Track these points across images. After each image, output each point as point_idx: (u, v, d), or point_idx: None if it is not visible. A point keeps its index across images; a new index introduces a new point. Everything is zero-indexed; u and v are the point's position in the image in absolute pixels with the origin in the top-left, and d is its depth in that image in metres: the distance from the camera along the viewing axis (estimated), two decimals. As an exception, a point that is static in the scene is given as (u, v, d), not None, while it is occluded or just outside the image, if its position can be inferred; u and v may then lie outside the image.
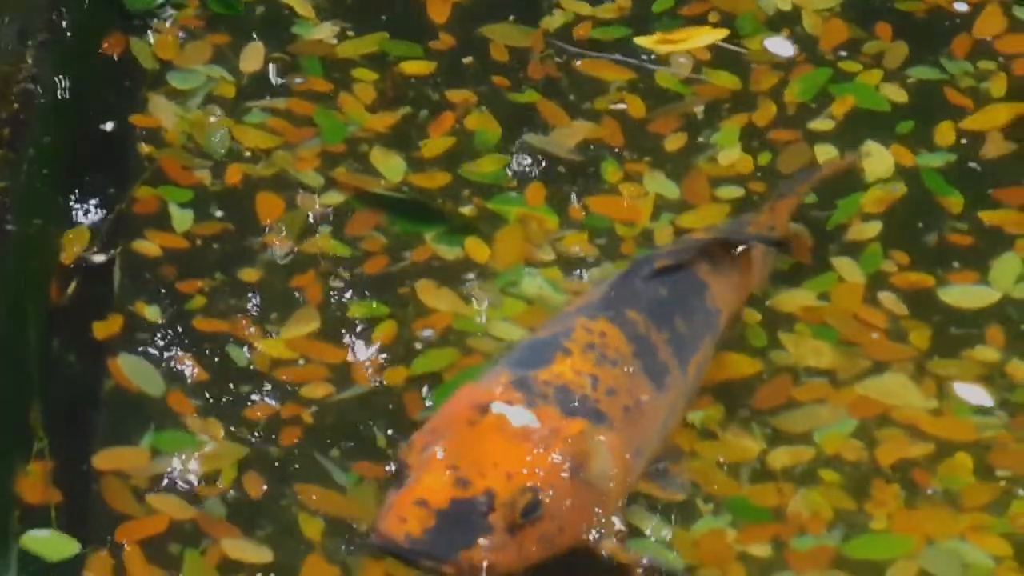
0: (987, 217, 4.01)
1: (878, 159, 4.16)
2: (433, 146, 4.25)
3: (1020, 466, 3.51)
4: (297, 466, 3.57)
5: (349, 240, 4.03)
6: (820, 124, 4.27)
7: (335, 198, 4.11)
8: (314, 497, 3.49)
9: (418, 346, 3.78)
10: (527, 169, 4.23)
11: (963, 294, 3.86)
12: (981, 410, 3.63)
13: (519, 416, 3.17)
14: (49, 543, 3.38)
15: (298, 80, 4.38)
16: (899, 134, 4.23)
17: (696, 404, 3.59)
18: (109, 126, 4.26)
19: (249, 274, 3.95)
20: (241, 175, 4.16)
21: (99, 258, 3.90)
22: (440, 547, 2.99)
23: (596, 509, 3.17)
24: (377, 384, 3.73)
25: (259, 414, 3.65)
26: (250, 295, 3.91)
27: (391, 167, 4.18)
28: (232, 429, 3.62)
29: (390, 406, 3.68)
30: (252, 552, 3.40)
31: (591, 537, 3.19)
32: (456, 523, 3.00)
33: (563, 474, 3.10)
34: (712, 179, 4.17)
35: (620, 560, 3.22)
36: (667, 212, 4.09)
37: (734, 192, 4.13)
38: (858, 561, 3.37)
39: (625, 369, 3.34)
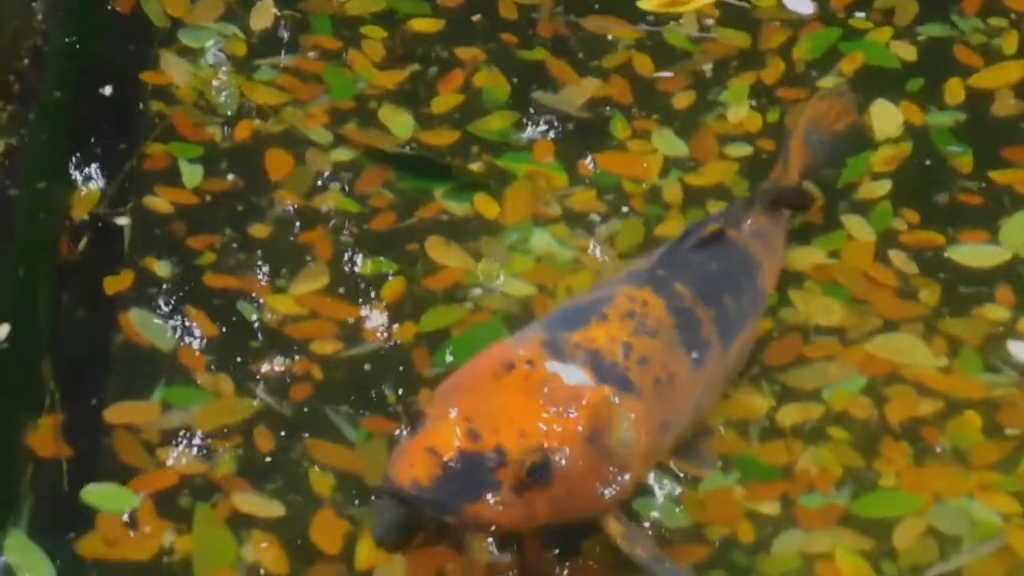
0: (997, 176, 4.00)
1: (888, 117, 4.15)
2: (442, 103, 4.24)
3: (1029, 424, 3.52)
4: (307, 421, 3.58)
5: (358, 197, 4.03)
6: (829, 82, 4.26)
7: (344, 155, 4.11)
8: (324, 452, 3.50)
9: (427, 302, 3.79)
10: (536, 126, 4.22)
11: (973, 253, 3.86)
12: (990, 368, 3.63)
13: (573, 375, 3.12)
14: (109, 495, 3.39)
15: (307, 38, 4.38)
16: (908, 92, 4.22)
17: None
18: (120, 83, 4.25)
19: (259, 230, 3.95)
20: (251, 132, 4.16)
21: (122, 220, 3.90)
22: (445, 497, 2.95)
23: (614, 478, 3.11)
24: (386, 341, 3.73)
25: (269, 370, 3.65)
26: (260, 251, 3.91)
27: (400, 124, 4.18)
28: (242, 384, 3.62)
29: (399, 362, 3.69)
30: (262, 506, 3.41)
31: (608, 506, 3.14)
32: (463, 475, 2.96)
33: (579, 439, 3.04)
34: (720, 136, 4.17)
35: (617, 542, 3.17)
36: (675, 169, 4.09)
37: (743, 150, 4.13)
38: (867, 519, 3.38)
39: (663, 341, 3.28)
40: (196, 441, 3.52)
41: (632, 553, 3.15)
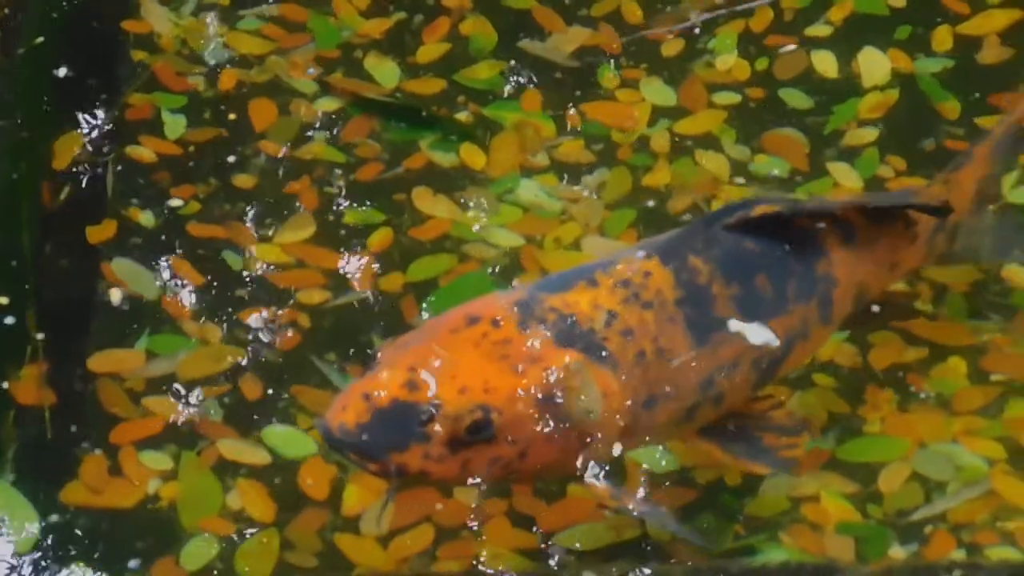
0: (984, 123, 3.99)
1: (875, 64, 4.14)
2: (428, 52, 4.23)
3: (1014, 369, 3.51)
4: (294, 369, 3.57)
5: (344, 146, 4.02)
6: (818, 30, 4.25)
7: (330, 104, 4.10)
8: (311, 399, 3.50)
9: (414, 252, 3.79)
10: (523, 75, 4.20)
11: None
12: (975, 314, 3.63)
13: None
14: (288, 438, 3.39)
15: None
16: (897, 39, 4.21)
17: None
18: (102, 32, 4.23)
19: (244, 180, 3.94)
20: (235, 81, 4.15)
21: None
22: (369, 444, 2.85)
23: (573, 446, 2.98)
24: (373, 290, 3.73)
25: (255, 318, 3.65)
26: (245, 201, 3.90)
27: (386, 73, 4.17)
28: (228, 333, 3.62)
29: (386, 311, 3.69)
30: (248, 453, 3.41)
31: (570, 472, 3.04)
32: (392, 424, 2.85)
33: (528, 401, 2.91)
34: (709, 85, 4.15)
35: (603, 502, 3.14)
36: (664, 118, 4.08)
37: (731, 98, 4.12)
38: (852, 463, 3.37)
39: (659, 314, 3.09)
40: (181, 389, 3.52)
41: (623, 508, 3.12)
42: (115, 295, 3.67)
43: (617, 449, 3.05)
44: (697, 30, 4.26)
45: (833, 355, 3.55)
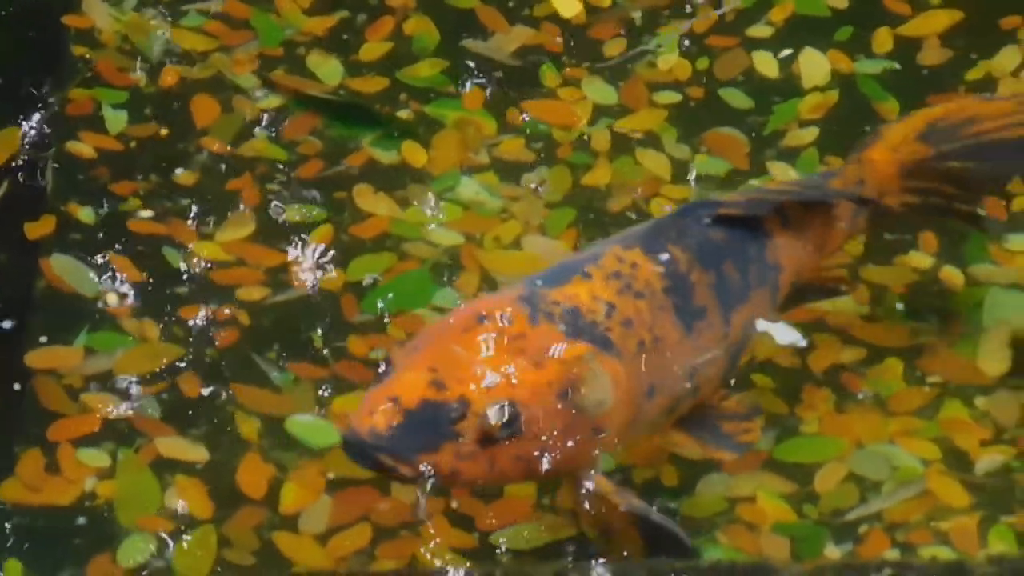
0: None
1: (816, 65, 4.17)
2: (371, 50, 4.23)
3: (950, 371, 3.54)
4: (233, 367, 3.57)
5: (286, 144, 4.01)
6: (759, 30, 4.27)
7: (272, 101, 4.10)
8: (250, 397, 3.50)
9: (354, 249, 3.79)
10: (466, 74, 4.21)
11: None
12: (913, 315, 3.65)
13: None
14: (313, 428, 3.38)
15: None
16: (837, 40, 4.23)
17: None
18: (42, 26, 4.21)
19: (185, 177, 3.93)
20: (177, 77, 4.14)
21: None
22: (401, 446, 2.85)
23: (588, 439, 3.01)
24: (313, 287, 3.73)
25: (195, 315, 3.64)
26: (186, 198, 3.89)
27: (328, 71, 4.17)
28: (167, 330, 3.61)
29: (326, 309, 3.69)
30: (187, 450, 3.41)
31: (582, 467, 3.07)
32: (423, 425, 2.86)
33: (551, 396, 2.93)
34: (650, 84, 4.17)
35: (608, 499, 3.11)
36: (605, 117, 4.09)
37: (672, 97, 4.14)
38: (789, 464, 3.39)
39: (650, 304, 3.12)
40: (119, 386, 3.51)
41: (630, 506, 3.09)
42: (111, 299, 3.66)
43: (620, 439, 3.09)
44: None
45: (772, 355, 3.57)
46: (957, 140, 3.50)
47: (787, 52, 4.20)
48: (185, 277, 3.73)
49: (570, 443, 2.98)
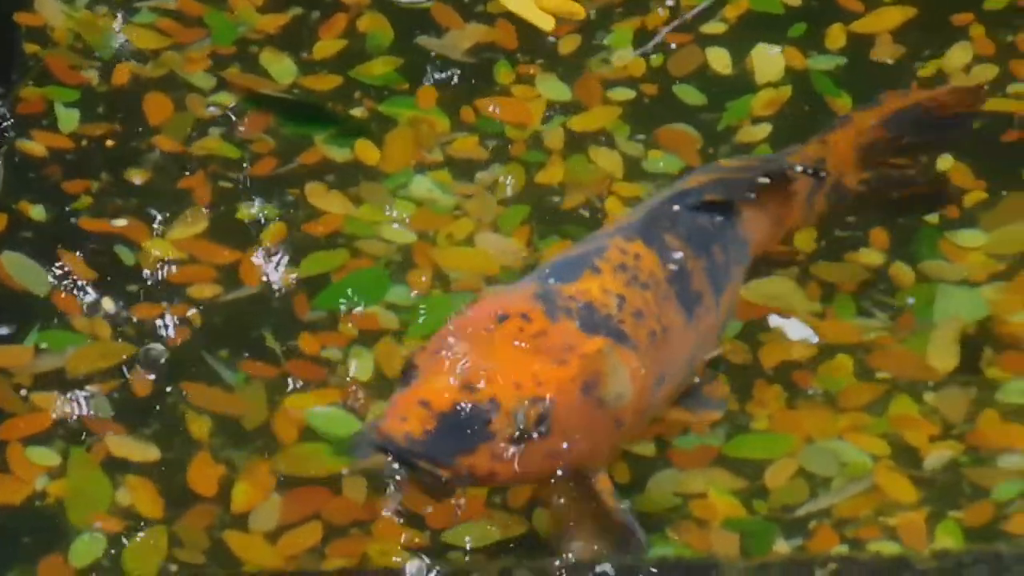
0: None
1: (769, 62, 4.18)
2: (324, 48, 4.23)
3: (899, 368, 3.55)
4: (185, 365, 3.57)
5: (238, 142, 4.01)
6: (713, 27, 4.28)
7: (225, 100, 4.09)
8: (201, 395, 3.50)
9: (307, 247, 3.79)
10: (419, 72, 4.21)
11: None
12: (863, 312, 3.67)
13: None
14: (333, 418, 3.38)
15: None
16: (791, 37, 4.24)
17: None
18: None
19: (137, 175, 3.93)
20: (129, 76, 4.13)
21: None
22: (439, 449, 2.85)
23: (609, 432, 3.05)
24: (265, 285, 3.72)
25: (146, 314, 3.64)
26: (138, 196, 3.89)
27: (282, 69, 4.17)
28: (119, 328, 3.61)
29: (279, 307, 3.69)
30: (138, 449, 3.40)
31: (602, 461, 3.11)
32: (458, 427, 2.86)
33: (575, 391, 2.96)
34: (604, 81, 4.18)
35: (604, 502, 3.13)
36: (559, 115, 4.10)
37: (626, 94, 4.15)
38: (739, 460, 3.40)
39: (656, 294, 3.17)
40: (70, 385, 3.50)
41: (616, 510, 3.12)
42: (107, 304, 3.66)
43: (635, 430, 3.13)
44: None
45: (724, 352, 3.58)
46: (908, 123, 3.69)
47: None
48: (137, 275, 3.73)
49: (594, 437, 3.01)
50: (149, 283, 3.72)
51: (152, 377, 3.52)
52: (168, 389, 3.52)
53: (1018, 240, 3.75)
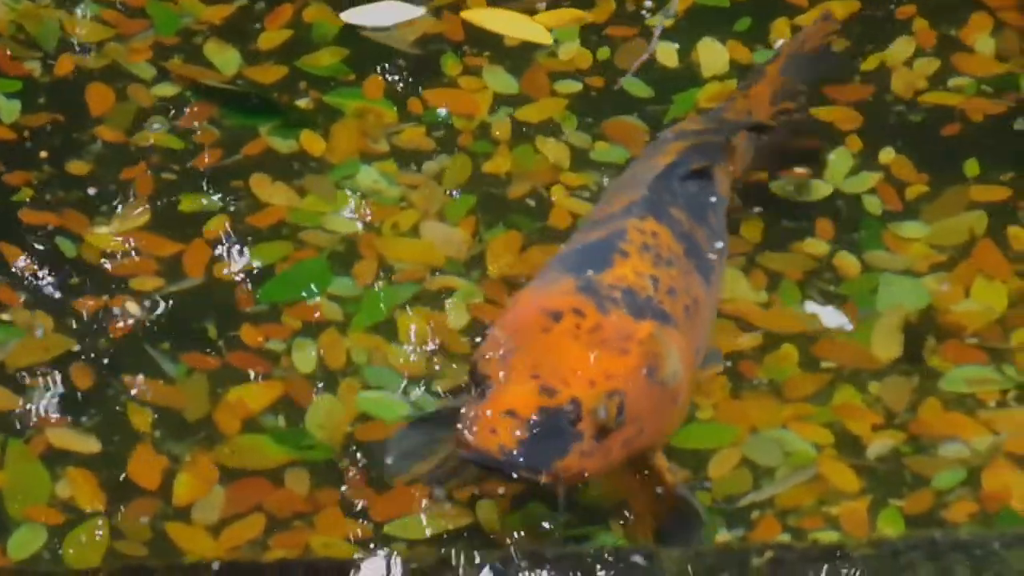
0: (820, 113, 4.04)
1: (714, 55, 4.18)
2: (270, 38, 4.21)
3: (844, 357, 3.56)
4: (126, 358, 3.55)
5: (182, 133, 3.99)
6: (659, 20, 4.27)
7: (168, 90, 4.07)
8: (142, 388, 3.48)
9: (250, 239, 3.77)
10: (366, 62, 4.19)
11: (795, 187, 3.90)
12: (808, 302, 3.68)
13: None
14: (381, 403, 3.36)
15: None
16: (736, 31, 4.25)
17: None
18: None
19: (79, 166, 3.91)
20: (72, 66, 4.11)
21: None
22: (536, 458, 2.89)
23: (671, 411, 3.12)
24: (208, 277, 3.71)
25: (88, 306, 3.62)
26: (79, 187, 3.86)
27: (226, 59, 4.15)
28: (60, 320, 3.58)
29: (221, 299, 3.67)
30: (78, 442, 3.39)
31: (663, 440, 3.18)
32: (548, 433, 2.91)
33: (641, 377, 3.02)
34: (551, 73, 4.17)
35: (664, 478, 3.17)
36: (505, 106, 4.09)
37: (572, 86, 4.14)
38: (683, 450, 3.40)
39: (680, 269, 3.26)
40: (11, 377, 3.48)
41: (675, 484, 3.17)
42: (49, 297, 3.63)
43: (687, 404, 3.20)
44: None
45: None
46: (795, 66, 3.90)
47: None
48: (79, 267, 3.70)
49: (660, 418, 3.09)
50: (91, 275, 3.69)
51: (93, 369, 3.50)
52: (110, 381, 3.50)
53: (959, 231, 3.77)
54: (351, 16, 3.85)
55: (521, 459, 2.89)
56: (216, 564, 3.09)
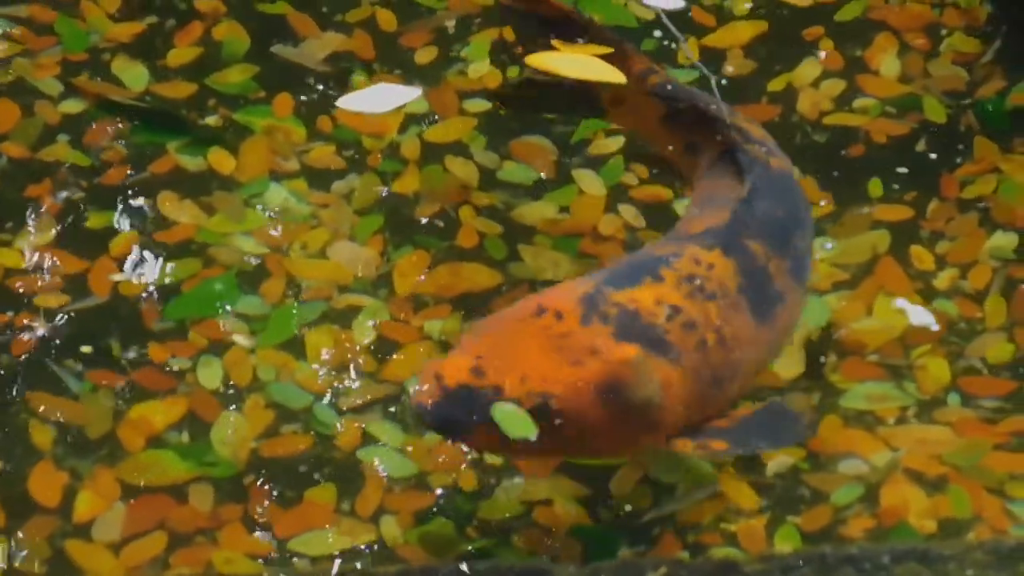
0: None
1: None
2: (179, 55, 4.20)
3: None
4: (29, 374, 3.53)
5: (88, 150, 3.98)
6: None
7: (75, 106, 4.06)
8: (45, 405, 3.47)
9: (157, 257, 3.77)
10: (276, 80, 4.19)
11: (700, 208, 3.93)
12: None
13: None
14: (511, 417, 3.25)
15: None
16: (644, 50, 4.27)
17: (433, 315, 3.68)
18: None
19: (-18, 183, 3.90)
20: (-25, 82, 4.10)
21: None
22: (441, 423, 3.05)
23: (638, 430, 3.13)
24: (114, 294, 3.70)
25: (-11, 322, 3.62)
26: (-17, 204, 3.86)
27: (134, 76, 4.14)
28: (-39, 338, 3.58)
29: (127, 316, 3.66)
30: (-22, 460, 3.38)
31: (638, 449, 3.28)
32: (460, 405, 3.03)
33: (590, 392, 3.06)
34: (461, 92, 4.19)
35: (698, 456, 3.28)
36: (415, 125, 4.10)
37: (482, 105, 4.16)
38: (585, 468, 3.41)
39: (721, 304, 3.22)
40: (-93, 396, 3.47)
41: (713, 454, 3.25)
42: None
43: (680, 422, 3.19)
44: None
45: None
46: None
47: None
48: (-19, 284, 3.70)
49: (615, 434, 3.11)
50: (-6, 292, 3.69)
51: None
52: (12, 398, 3.48)
53: (861, 250, 3.81)
54: (346, 103, 3.82)
55: (429, 419, 3.04)
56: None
